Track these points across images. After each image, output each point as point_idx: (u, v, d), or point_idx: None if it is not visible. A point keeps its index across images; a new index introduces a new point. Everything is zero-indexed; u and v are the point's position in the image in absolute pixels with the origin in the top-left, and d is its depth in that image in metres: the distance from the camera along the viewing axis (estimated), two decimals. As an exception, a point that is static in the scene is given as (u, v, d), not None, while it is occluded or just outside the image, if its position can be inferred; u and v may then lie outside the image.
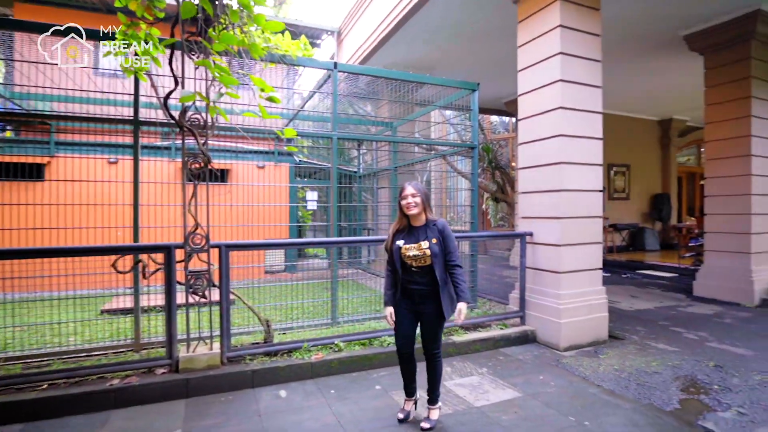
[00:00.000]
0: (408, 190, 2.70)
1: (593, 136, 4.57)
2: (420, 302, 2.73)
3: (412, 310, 2.77)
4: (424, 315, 2.73)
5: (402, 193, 2.74)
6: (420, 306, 2.73)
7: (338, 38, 8.92)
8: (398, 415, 2.90)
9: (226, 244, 3.58)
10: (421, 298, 2.71)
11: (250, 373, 3.45)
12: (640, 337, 4.70)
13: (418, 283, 2.70)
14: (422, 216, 2.73)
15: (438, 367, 2.82)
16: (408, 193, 2.70)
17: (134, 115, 3.90)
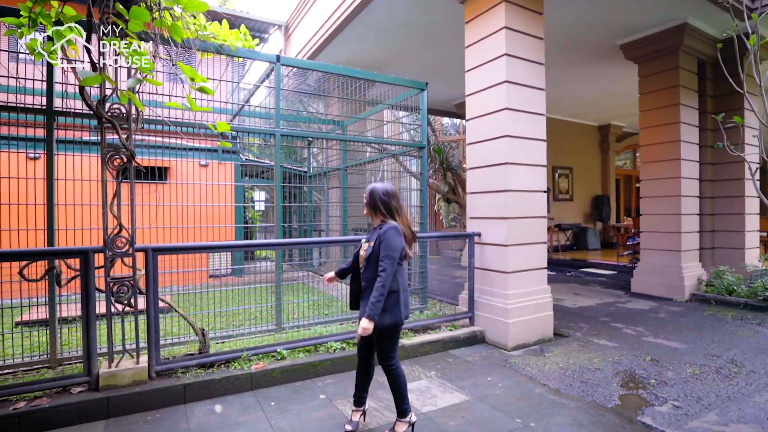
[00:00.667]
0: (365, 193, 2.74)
1: (538, 138, 4.64)
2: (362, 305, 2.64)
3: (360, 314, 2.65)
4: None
5: None
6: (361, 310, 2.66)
7: (286, 33, 8.64)
8: (346, 427, 2.72)
9: (153, 247, 3.26)
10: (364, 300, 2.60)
11: (182, 387, 3.16)
12: (583, 334, 4.83)
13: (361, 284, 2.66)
14: (378, 219, 2.68)
15: (395, 379, 2.59)
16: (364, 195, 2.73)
17: (47, 104, 3.49)
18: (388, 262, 2.45)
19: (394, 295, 2.53)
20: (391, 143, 6.19)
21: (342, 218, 7.84)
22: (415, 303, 5.27)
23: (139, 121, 3.36)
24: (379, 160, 7.30)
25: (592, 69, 8.30)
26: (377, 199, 2.64)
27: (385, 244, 2.48)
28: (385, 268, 2.45)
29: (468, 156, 4.99)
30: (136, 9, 2.09)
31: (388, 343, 2.59)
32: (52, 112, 3.52)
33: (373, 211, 2.67)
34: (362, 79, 5.42)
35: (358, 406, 2.79)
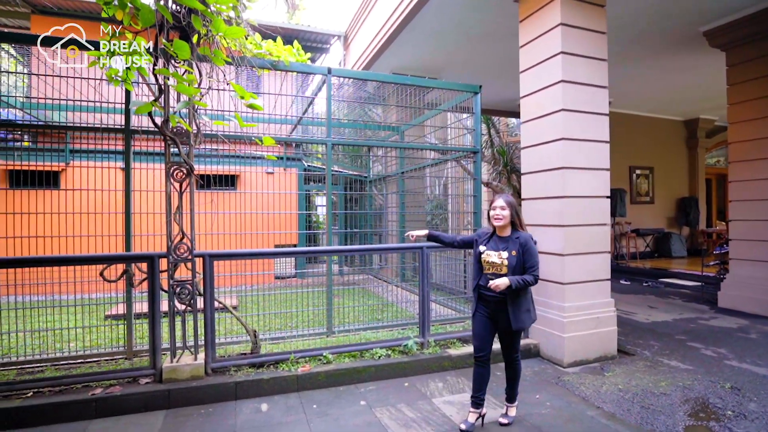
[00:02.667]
0: (498, 203, 2.85)
1: (599, 139, 4.33)
2: (495, 309, 2.83)
3: (488, 316, 2.88)
4: (499, 323, 2.84)
5: (492, 204, 2.88)
6: (495, 314, 2.84)
7: (345, 42, 8.87)
8: (461, 426, 2.87)
9: (210, 253, 3.53)
10: (495, 305, 2.82)
11: (234, 384, 3.38)
12: (653, 353, 4.41)
13: (492, 290, 2.76)
14: (508, 228, 2.86)
15: (516, 371, 2.96)
16: (497, 206, 2.84)
17: (125, 123, 3.92)
18: (538, 269, 2.77)
19: (530, 297, 2.86)
20: (440, 149, 6.11)
21: (399, 223, 7.88)
22: (468, 311, 5.15)
23: (198, 138, 3.66)
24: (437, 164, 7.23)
25: (672, 60, 7.54)
26: (516, 208, 2.85)
27: (531, 252, 2.77)
28: (536, 267, 2.76)
29: (523, 160, 4.78)
30: (177, 42, 2.28)
31: (518, 341, 2.94)
32: (129, 131, 3.94)
33: (515, 221, 2.84)
34: (414, 85, 5.42)
35: (476, 408, 2.92)
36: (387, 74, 5.15)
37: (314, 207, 10.31)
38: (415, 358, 3.93)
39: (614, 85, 8.76)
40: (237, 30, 2.42)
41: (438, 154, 6.73)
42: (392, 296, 6.29)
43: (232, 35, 2.41)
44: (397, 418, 3.04)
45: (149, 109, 2.76)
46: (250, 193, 7.13)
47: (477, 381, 2.91)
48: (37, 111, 6.60)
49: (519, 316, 2.76)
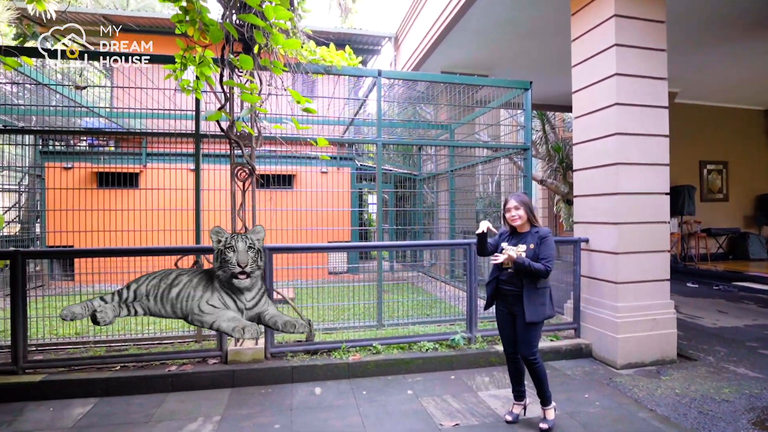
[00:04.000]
0: (511, 203, 2.89)
1: (657, 133, 4.16)
2: (512, 303, 2.87)
3: (508, 312, 2.92)
4: (516, 317, 2.86)
5: (506, 205, 2.94)
6: (513, 307, 2.87)
7: (396, 44, 9.03)
8: (506, 417, 3.00)
9: (269, 247, 3.82)
10: (513, 299, 2.85)
11: (290, 369, 3.65)
12: (717, 359, 4.17)
13: (510, 284, 2.85)
14: (526, 225, 2.91)
15: (537, 371, 2.84)
16: (511, 206, 2.89)
17: (195, 128, 4.32)
18: (552, 261, 2.75)
19: (547, 292, 2.84)
20: (491, 146, 6.09)
21: (449, 221, 7.93)
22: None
23: (259, 140, 3.97)
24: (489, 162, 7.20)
25: (746, 44, 6.95)
26: (531, 206, 2.91)
27: (548, 245, 2.78)
28: (551, 260, 2.75)
29: (575, 156, 4.69)
30: (243, 56, 2.55)
31: (533, 336, 2.82)
32: (199, 135, 4.34)
33: (532, 219, 2.89)
34: (463, 84, 5.46)
35: (518, 400, 3.01)
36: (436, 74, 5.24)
37: (366, 205, 10.58)
38: (461, 353, 4.01)
39: (681, 75, 8.24)
40: (293, 42, 2.65)
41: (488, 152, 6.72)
42: (441, 293, 6.37)
43: (289, 47, 2.64)
44: (443, 408, 3.15)
45: (219, 117, 3.07)
46: (306, 191, 7.49)
47: (512, 375, 3.02)
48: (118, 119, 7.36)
49: (534, 308, 2.74)
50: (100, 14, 8.83)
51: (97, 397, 3.31)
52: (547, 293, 2.83)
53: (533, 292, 2.77)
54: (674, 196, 9.43)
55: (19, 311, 3.44)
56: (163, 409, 3.14)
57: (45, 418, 3.02)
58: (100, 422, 2.96)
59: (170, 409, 3.15)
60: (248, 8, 3.06)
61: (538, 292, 2.78)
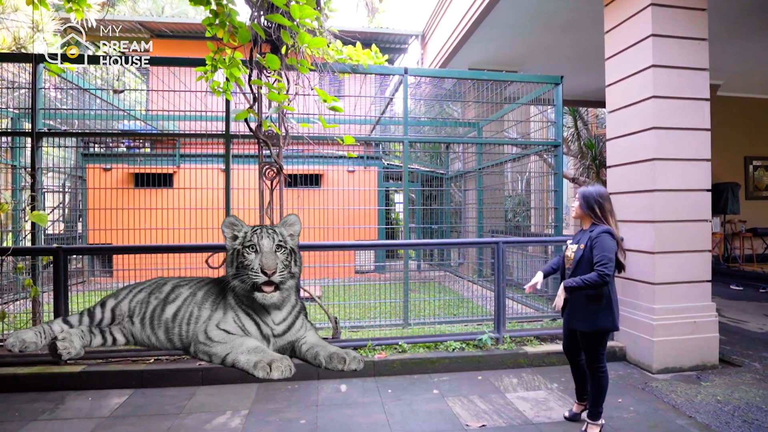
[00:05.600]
0: (577, 195, 2.82)
1: (697, 127, 3.96)
2: (567, 307, 2.74)
3: (565, 315, 2.81)
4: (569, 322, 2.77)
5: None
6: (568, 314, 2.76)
7: (423, 42, 8.97)
8: (564, 413, 2.98)
9: (296, 244, 3.86)
10: (567, 304, 2.71)
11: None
12: (764, 366, 3.93)
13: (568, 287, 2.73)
14: (588, 220, 2.77)
15: (596, 383, 2.65)
16: (575, 197, 2.83)
17: (225, 129, 4.43)
18: (608, 264, 2.49)
19: (603, 300, 2.59)
20: (519, 143, 5.96)
21: (477, 219, 7.82)
22: (548, 310, 5.00)
23: (287, 140, 4.02)
24: (517, 159, 7.05)
25: (798, 32, 6.54)
26: (592, 201, 2.69)
27: (599, 246, 2.54)
28: (605, 263, 2.48)
29: (609, 152, 4.53)
30: (270, 56, 2.58)
31: (597, 347, 2.65)
32: (229, 136, 4.44)
33: (589, 213, 2.72)
34: (491, 80, 5.37)
35: (580, 401, 2.94)
36: (463, 70, 5.17)
37: (393, 204, 10.58)
38: (489, 353, 3.94)
39: (723, 66, 7.81)
40: (320, 41, 2.66)
41: (517, 149, 6.58)
42: (469, 292, 6.29)
43: (315, 45, 2.65)
44: (469, 408, 3.11)
45: (246, 116, 3.12)
46: (333, 190, 7.55)
47: (573, 377, 2.95)
48: (153, 122, 7.63)
49: (579, 316, 2.60)
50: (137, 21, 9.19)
51: (132, 389, 3.44)
52: (601, 301, 2.58)
53: (581, 299, 2.61)
54: (716, 194, 8.97)
55: (61, 305, 3.61)
56: (193, 402, 3.23)
57: (84, 407, 3.16)
58: (135, 412, 3.08)
59: (200, 402, 3.23)
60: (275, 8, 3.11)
61: (587, 299, 2.60)
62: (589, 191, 2.74)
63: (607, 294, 2.60)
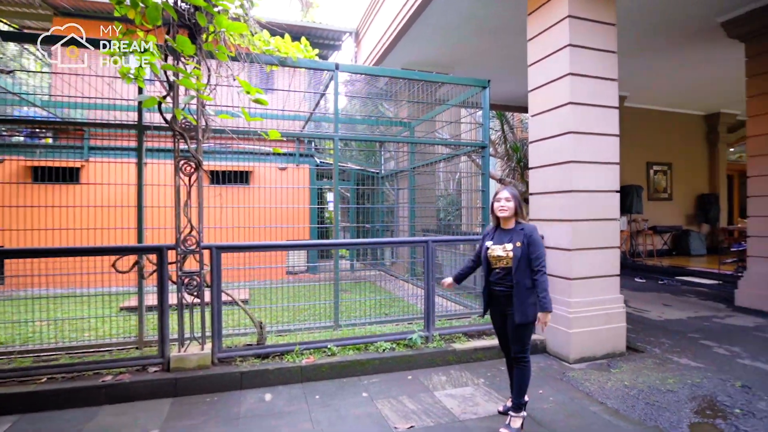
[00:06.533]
0: (503, 194, 2.84)
1: (608, 133, 4.26)
2: (504, 304, 2.83)
3: (500, 313, 2.90)
4: (507, 317, 2.82)
5: (496, 196, 2.88)
6: (505, 308, 2.83)
7: (356, 39, 8.91)
8: (498, 408, 3.06)
9: (217, 245, 3.61)
10: (504, 300, 2.81)
11: (239, 374, 3.45)
12: (663, 351, 4.33)
13: (500, 285, 2.81)
14: (512, 220, 2.84)
15: (521, 373, 2.78)
16: (502, 197, 2.84)
17: (138, 120, 4.03)
18: (544, 260, 2.70)
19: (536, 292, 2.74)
20: (450, 143, 6.08)
21: (410, 218, 7.89)
22: (475, 306, 5.14)
23: (206, 133, 3.74)
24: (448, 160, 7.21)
25: (690, 52, 7.35)
26: (520, 201, 2.84)
27: (536, 244, 2.71)
28: (544, 265, 2.69)
29: (531, 155, 4.74)
30: (180, 38, 2.35)
31: (526, 336, 2.79)
32: (142, 127, 4.04)
33: (519, 212, 2.83)
34: (422, 80, 5.42)
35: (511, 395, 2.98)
36: (394, 69, 5.16)
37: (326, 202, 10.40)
38: (419, 352, 3.94)
39: (630, 79, 8.58)
40: (239, 25, 2.48)
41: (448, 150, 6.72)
42: (401, 291, 6.31)
43: (234, 30, 2.47)
44: (398, 410, 3.07)
45: (154, 103, 2.84)
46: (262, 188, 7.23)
47: (510, 375, 2.98)
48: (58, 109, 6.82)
49: (524, 309, 2.69)
50: (37, -4, 8.17)
51: (17, 414, 2.99)
52: (535, 294, 2.75)
53: (523, 292, 2.70)
54: (623, 195, 9.87)
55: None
56: (94, 424, 2.88)
57: (-46, 439, 2.70)
58: (20, 441, 2.67)
59: (103, 424, 2.89)
60: (191, -11, 2.86)
61: (528, 291, 2.71)
62: (516, 192, 2.86)
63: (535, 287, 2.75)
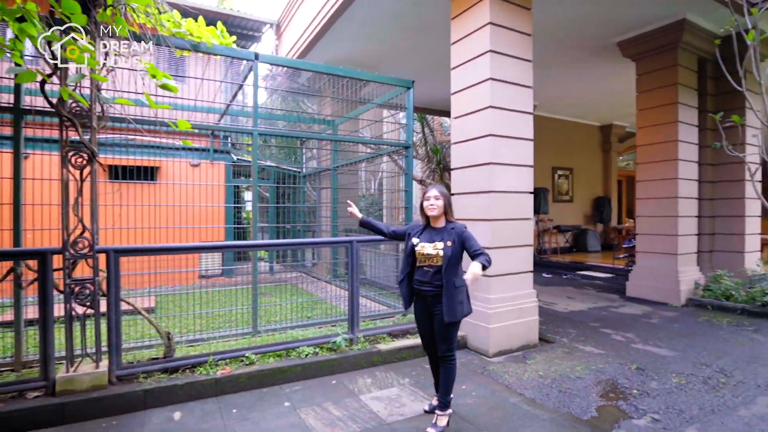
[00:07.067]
0: (431, 193, 2.82)
1: (524, 137, 4.50)
2: (431, 303, 2.79)
3: (426, 313, 2.86)
4: (434, 316, 2.79)
5: (425, 194, 2.84)
6: (432, 308, 2.80)
7: (278, 31, 8.56)
8: (424, 407, 3.05)
9: (115, 248, 3.18)
10: (432, 299, 2.78)
11: (142, 393, 3.07)
12: (570, 340, 4.68)
13: (428, 284, 2.77)
14: (442, 219, 2.82)
15: (449, 371, 2.80)
16: (431, 195, 2.81)
17: (15, 102, 3.43)
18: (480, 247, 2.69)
19: (465, 290, 2.75)
20: (373, 143, 6.06)
21: (332, 218, 7.75)
22: (398, 306, 5.15)
23: (103, 120, 3.29)
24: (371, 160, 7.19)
25: (590, 67, 8.11)
26: (449, 200, 2.84)
27: (471, 239, 2.74)
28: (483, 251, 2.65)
29: (453, 156, 4.86)
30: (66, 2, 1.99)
31: (454, 335, 2.79)
32: (20, 110, 3.45)
33: (448, 211, 2.83)
34: (346, 77, 5.31)
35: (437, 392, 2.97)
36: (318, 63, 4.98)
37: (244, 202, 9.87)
38: (343, 355, 3.83)
39: (539, 89, 9.20)
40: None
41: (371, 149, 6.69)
42: (324, 293, 6.15)
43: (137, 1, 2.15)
44: (323, 418, 2.94)
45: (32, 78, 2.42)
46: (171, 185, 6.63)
47: (434, 371, 3.01)
48: None
49: (453, 307, 2.67)
50: None
51: None
52: (464, 291, 2.76)
53: (453, 291, 2.67)
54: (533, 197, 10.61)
55: None
56: (-49, 467, 2.37)
57: None
58: None
59: (-37, 465, 2.39)
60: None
61: (457, 290, 2.69)
62: (445, 190, 2.86)
63: (466, 285, 2.76)
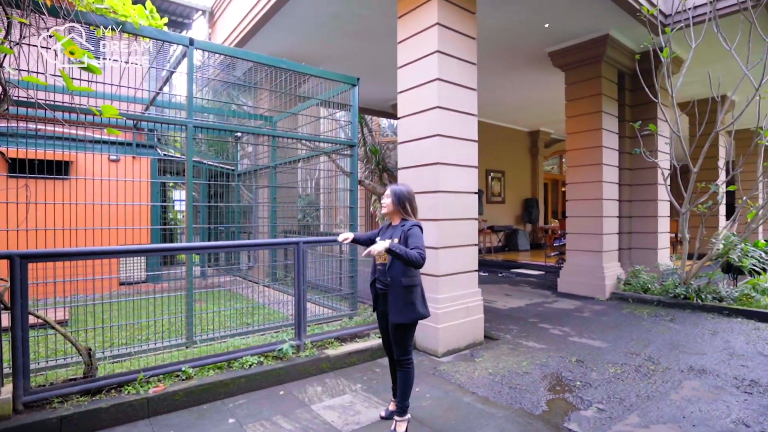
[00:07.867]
0: (386, 191, 2.85)
1: (469, 138, 4.58)
2: (384, 303, 2.78)
3: (382, 313, 2.85)
4: (387, 316, 2.75)
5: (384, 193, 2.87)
6: (385, 308, 2.79)
7: (211, 19, 8.02)
8: (380, 413, 2.97)
9: (21, 253, 2.72)
10: (384, 298, 2.77)
11: (58, 420, 2.65)
12: (513, 336, 4.83)
13: (380, 282, 2.77)
14: (397, 216, 2.83)
15: (404, 376, 2.71)
16: (385, 194, 2.85)
17: None
18: (423, 250, 2.53)
19: (417, 290, 2.67)
20: (318, 140, 5.86)
21: (271, 219, 7.40)
22: (344, 309, 5.01)
23: (6, 103, 2.81)
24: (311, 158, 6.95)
25: (523, 75, 8.53)
26: (404, 198, 2.78)
27: (414, 236, 2.61)
28: (421, 249, 2.52)
29: (399, 155, 4.83)
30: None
31: (406, 339, 2.70)
32: None
33: (400, 209, 2.78)
34: (290, 70, 5.07)
35: (394, 397, 2.94)
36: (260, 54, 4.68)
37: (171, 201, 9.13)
38: (290, 363, 3.62)
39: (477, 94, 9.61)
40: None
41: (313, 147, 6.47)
42: (263, 298, 5.83)
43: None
44: (273, 433, 2.73)
45: None
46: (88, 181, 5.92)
47: (392, 373, 2.96)
48: None
49: (399, 308, 2.58)
50: None
51: None
52: (416, 292, 2.66)
53: (398, 290, 2.60)
54: (470, 198, 10.97)
55: None
56: None
57: None
58: None
59: None
60: None
61: (405, 290, 2.60)
62: (400, 189, 2.82)
63: (420, 284, 2.72)
